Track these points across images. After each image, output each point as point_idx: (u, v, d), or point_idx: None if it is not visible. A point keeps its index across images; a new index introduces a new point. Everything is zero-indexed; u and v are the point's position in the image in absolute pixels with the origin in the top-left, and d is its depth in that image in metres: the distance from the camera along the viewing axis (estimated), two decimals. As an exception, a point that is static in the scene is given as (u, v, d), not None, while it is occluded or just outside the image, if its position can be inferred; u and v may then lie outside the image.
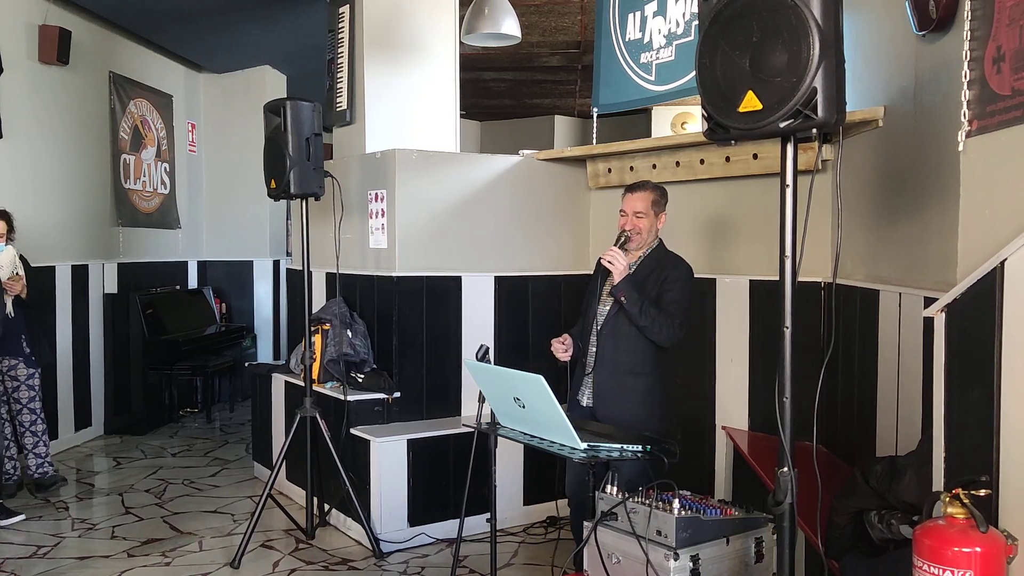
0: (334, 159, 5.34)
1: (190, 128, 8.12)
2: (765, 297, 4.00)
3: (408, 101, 5.22)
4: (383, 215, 4.53)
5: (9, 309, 4.56)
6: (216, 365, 7.10)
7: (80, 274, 6.22)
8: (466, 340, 4.59)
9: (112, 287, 6.60)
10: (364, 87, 5.09)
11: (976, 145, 2.19)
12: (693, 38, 4.17)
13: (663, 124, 8.13)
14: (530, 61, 8.33)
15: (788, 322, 2.07)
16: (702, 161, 4.19)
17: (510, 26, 5.25)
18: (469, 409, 4.52)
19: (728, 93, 2.02)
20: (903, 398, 2.96)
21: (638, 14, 4.62)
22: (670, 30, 4.41)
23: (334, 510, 4.42)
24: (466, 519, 3.30)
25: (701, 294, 4.16)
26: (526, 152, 4.92)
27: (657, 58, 4.50)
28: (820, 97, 1.88)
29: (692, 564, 2.33)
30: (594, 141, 4.90)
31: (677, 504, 2.37)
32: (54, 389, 5.79)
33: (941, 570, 1.79)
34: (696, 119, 7.72)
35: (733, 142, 2.20)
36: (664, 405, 3.27)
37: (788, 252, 2.07)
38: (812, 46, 1.87)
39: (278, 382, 5.09)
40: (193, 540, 4.26)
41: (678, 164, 4.30)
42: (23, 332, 4.73)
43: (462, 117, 5.74)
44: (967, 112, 2.22)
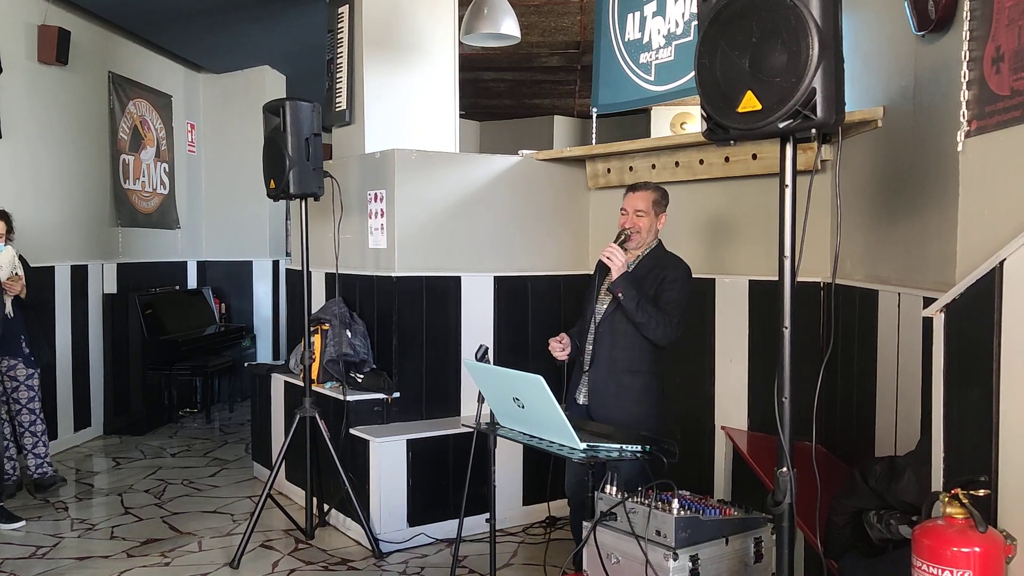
0: (333, 159, 5.34)
1: (189, 128, 8.12)
2: (764, 297, 4.00)
3: (407, 101, 5.22)
4: (382, 215, 4.53)
5: (8, 309, 4.56)
6: (215, 365, 7.10)
7: (79, 274, 6.22)
8: (465, 340, 4.59)
9: (111, 287, 6.60)
10: (363, 87, 5.09)
11: (975, 145, 2.19)
12: (692, 38, 4.17)
13: (662, 124, 8.13)
14: (529, 61, 8.33)
15: (787, 322, 2.07)
16: (701, 161, 4.19)
17: (509, 26, 5.25)
18: (468, 409, 4.52)
19: (727, 93, 2.02)
20: (902, 398, 2.96)
21: (637, 14, 4.62)
22: (669, 30, 4.41)
23: (333, 510, 4.42)
24: (465, 519, 3.30)
25: (700, 294, 4.16)
26: (525, 152, 4.92)
27: (656, 58, 4.50)
28: (819, 97, 1.88)
29: (691, 564, 2.33)
30: (593, 141, 4.90)
31: (676, 504, 2.37)
32: (53, 389, 5.79)
33: (940, 570, 1.79)
34: (695, 119, 7.72)
35: (732, 142, 2.19)
36: (661, 404, 3.27)
37: (787, 252, 2.07)
38: (811, 46, 1.87)
39: (277, 382, 5.09)
40: (192, 540, 4.26)
41: (677, 164, 4.30)
42: (22, 332, 4.73)
43: (461, 117, 5.74)
44: (966, 112, 2.23)
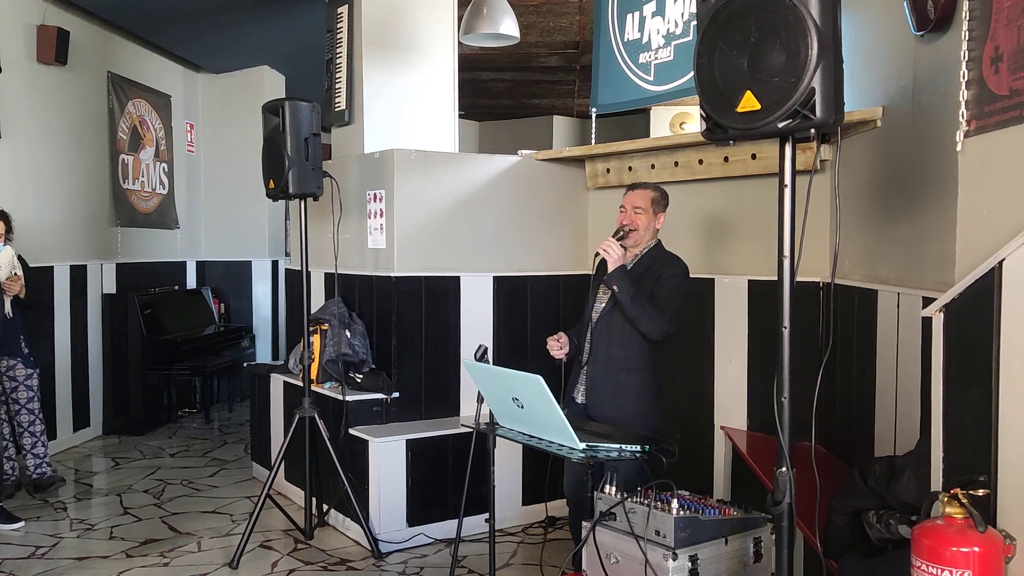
0: (333, 159, 5.34)
1: (188, 128, 8.11)
2: (764, 297, 4.00)
3: (407, 101, 5.22)
4: (382, 215, 4.53)
5: (8, 309, 4.55)
6: (215, 365, 7.09)
7: (78, 274, 6.21)
8: (465, 340, 4.59)
9: (111, 287, 6.60)
10: (363, 87, 5.09)
11: (974, 145, 2.19)
12: (691, 38, 4.17)
13: (662, 124, 8.14)
14: (528, 61, 8.33)
15: (786, 322, 2.07)
16: (701, 161, 4.19)
17: (508, 26, 5.24)
18: (468, 409, 4.52)
19: (726, 93, 2.02)
20: (901, 398, 2.96)
21: (636, 14, 4.62)
22: (668, 30, 4.41)
23: (333, 510, 4.42)
24: (465, 519, 3.29)
25: (700, 294, 4.16)
26: (525, 152, 4.92)
27: (656, 58, 4.50)
28: (818, 97, 1.88)
29: (691, 564, 2.33)
30: (593, 141, 4.90)
31: (676, 504, 2.37)
32: (52, 389, 5.79)
33: (939, 570, 1.79)
34: (694, 119, 7.73)
35: (731, 142, 2.19)
36: (658, 401, 3.27)
37: (786, 252, 2.07)
38: (810, 46, 1.87)
39: (277, 382, 5.09)
40: (192, 540, 4.26)
41: (677, 164, 4.30)
42: (21, 332, 4.73)
43: (461, 117, 5.74)
44: (965, 112, 2.23)
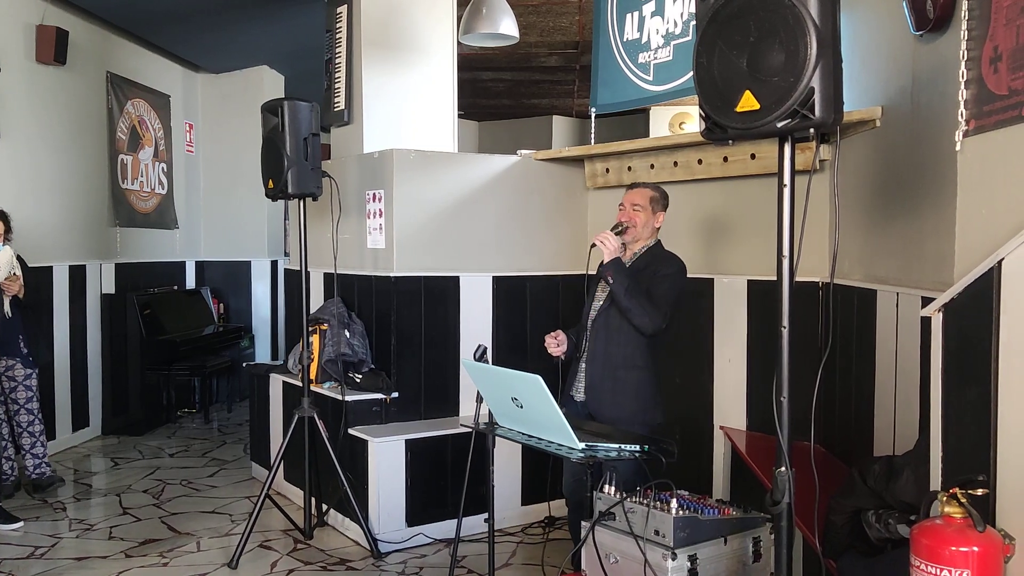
0: (332, 159, 5.34)
1: (188, 128, 8.11)
2: (763, 297, 4.00)
3: (406, 101, 5.22)
4: (381, 215, 4.53)
5: (7, 309, 4.56)
6: (214, 365, 7.09)
7: (77, 274, 6.21)
8: (464, 340, 4.59)
9: (110, 287, 6.60)
10: (362, 87, 5.09)
11: (973, 145, 2.19)
12: (691, 38, 4.17)
13: (661, 124, 8.13)
14: (528, 61, 8.33)
15: (786, 322, 2.07)
16: (700, 161, 4.19)
17: (508, 26, 5.25)
18: (467, 409, 4.52)
19: (725, 93, 2.02)
20: (900, 397, 2.96)
21: (636, 14, 4.62)
22: (668, 30, 4.41)
23: (332, 510, 4.42)
24: (464, 519, 3.29)
25: (699, 294, 4.16)
26: (524, 152, 4.92)
27: (655, 58, 4.50)
28: (817, 97, 1.88)
29: (690, 564, 2.33)
30: (592, 141, 4.90)
31: (675, 504, 2.37)
32: (52, 390, 5.78)
33: (938, 569, 1.79)
34: (694, 119, 7.73)
35: (731, 142, 2.19)
36: (657, 398, 3.28)
37: (786, 252, 2.07)
38: (809, 46, 1.87)
39: (276, 382, 5.09)
40: (191, 540, 4.26)
41: (676, 164, 4.30)
42: (20, 333, 4.73)
43: (460, 117, 5.74)
44: (964, 112, 2.23)
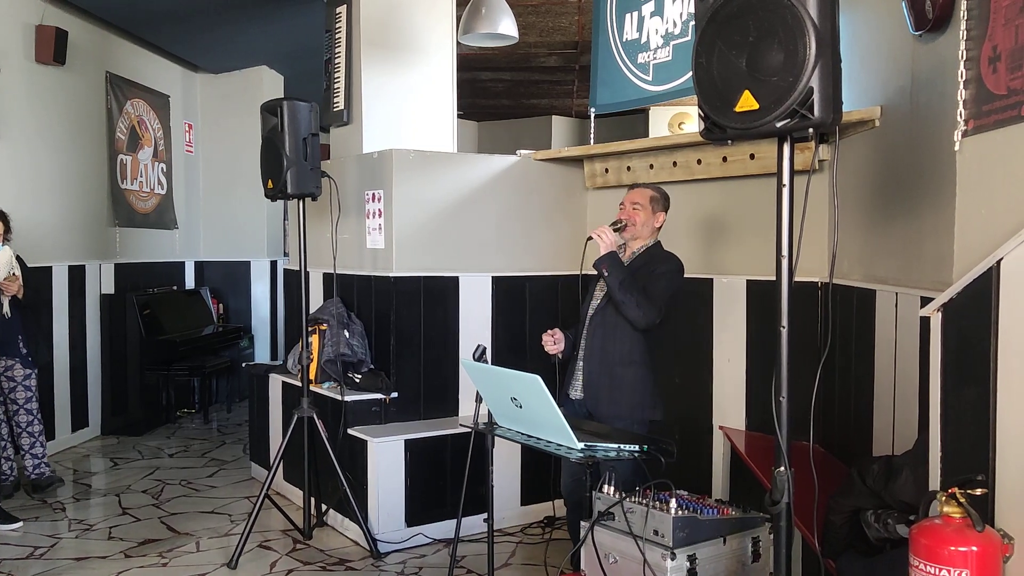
0: (331, 159, 5.34)
1: (187, 128, 8.11)
2: (762, 297, 4.00)
3: (405, 101, 5.22)
4: (380, 215, 4.53)
5: (6, 310, 4.56)
6: (213, 365, 7.09)
7: (77, 274, 6.21)
8: (463, 340, 4.59)
9: (109, 287, 6.59)
10: (361, 87, 5.08)
11: (972, 145, 2.19)
12: (690, 38, 4.16)
13: (660, 124, 8.12)
14: (527, 61, 8.33)
15: (785, 322, 2.07)
16: (699, 161, 4.19)
17: (507, 26, 5.24)
18: (466, 409, 4.52)
19: (725, 93, 2.02)
20: (900, 397, 2.97)
21: (635, 14, 4.62)
22: (667, 30, 4.42)
23: (331, 510, 4.42)
24: (463, 519, 3.29)
25: (698, 294, 4.16)
26: (523, 152, 4.92)
27: (654, 58, 4.50)
28: (816, 97, 1.88)
29: (689, 564, 2.33)
30: (591, 141, 4.90)
31: (674, 504, 2.37)
32: (51, 390, 5.78)
33: (937, 569, 1.79)
34: (693, 119, 7.72)
35: (730, 142, 2.19)
36: (655, 395, 3.28)
37: (785, 252, 2.07)
38: (808, 45, 1.87)
39: (275, 382, 5.09)
40: (190, 541, 4.26)
41: (675, 164, 4.30)
42: (20, 333, 4.73)
43: (459, 117, 5.74)
44: (963, 112, 2.23)
